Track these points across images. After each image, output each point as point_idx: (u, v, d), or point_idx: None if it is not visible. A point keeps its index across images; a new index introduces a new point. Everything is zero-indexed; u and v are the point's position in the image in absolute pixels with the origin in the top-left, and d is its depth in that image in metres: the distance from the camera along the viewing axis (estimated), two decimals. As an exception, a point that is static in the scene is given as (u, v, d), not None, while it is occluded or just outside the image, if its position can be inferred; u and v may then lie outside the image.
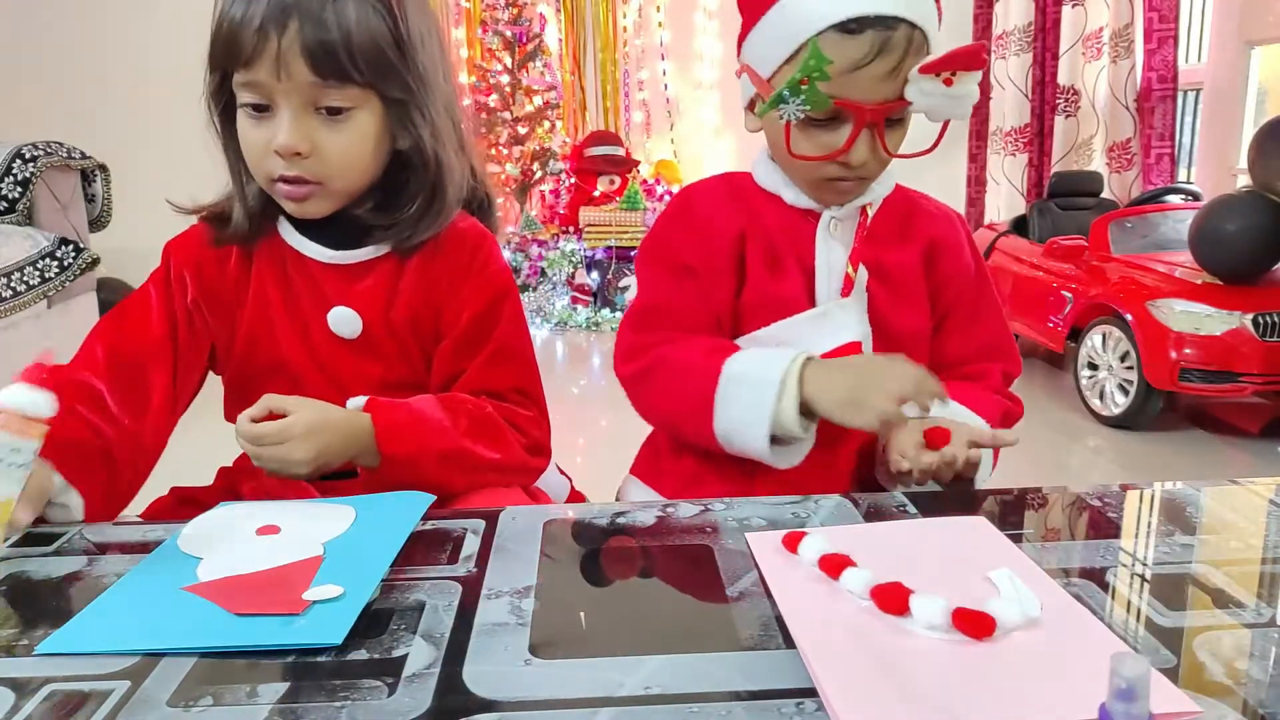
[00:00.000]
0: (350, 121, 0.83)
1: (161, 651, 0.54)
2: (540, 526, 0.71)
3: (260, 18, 0.78)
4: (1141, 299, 2.78)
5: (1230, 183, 3.71)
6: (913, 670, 0.50)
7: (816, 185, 0.90)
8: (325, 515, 0.72)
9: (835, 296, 0.92)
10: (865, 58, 0.79)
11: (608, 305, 4.34)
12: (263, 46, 0.78)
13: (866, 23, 0.79)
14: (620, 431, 1.20)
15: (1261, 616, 0.57)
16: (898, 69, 0.80)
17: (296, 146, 0.81)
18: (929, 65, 0.80)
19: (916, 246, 0.95)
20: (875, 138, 0.84)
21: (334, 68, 0.80)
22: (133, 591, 0.61)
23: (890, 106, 0.82)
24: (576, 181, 4.57)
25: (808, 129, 0.84)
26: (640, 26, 4.86)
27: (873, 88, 0.81)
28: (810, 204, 0.92)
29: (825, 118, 0.83)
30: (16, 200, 2.53)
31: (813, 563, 0.61)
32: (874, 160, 0.85)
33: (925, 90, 0.81)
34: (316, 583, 0.60)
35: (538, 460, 0.92)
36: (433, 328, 0.91)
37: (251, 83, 0.81)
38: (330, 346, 0.90)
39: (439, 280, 0.90)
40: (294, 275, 0.90)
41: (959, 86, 0.81)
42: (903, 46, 0.80)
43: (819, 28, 0.80)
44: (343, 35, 0.79)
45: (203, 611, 0.58)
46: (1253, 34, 3.75)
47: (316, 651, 0.54)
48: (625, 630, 0.57)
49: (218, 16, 0.81)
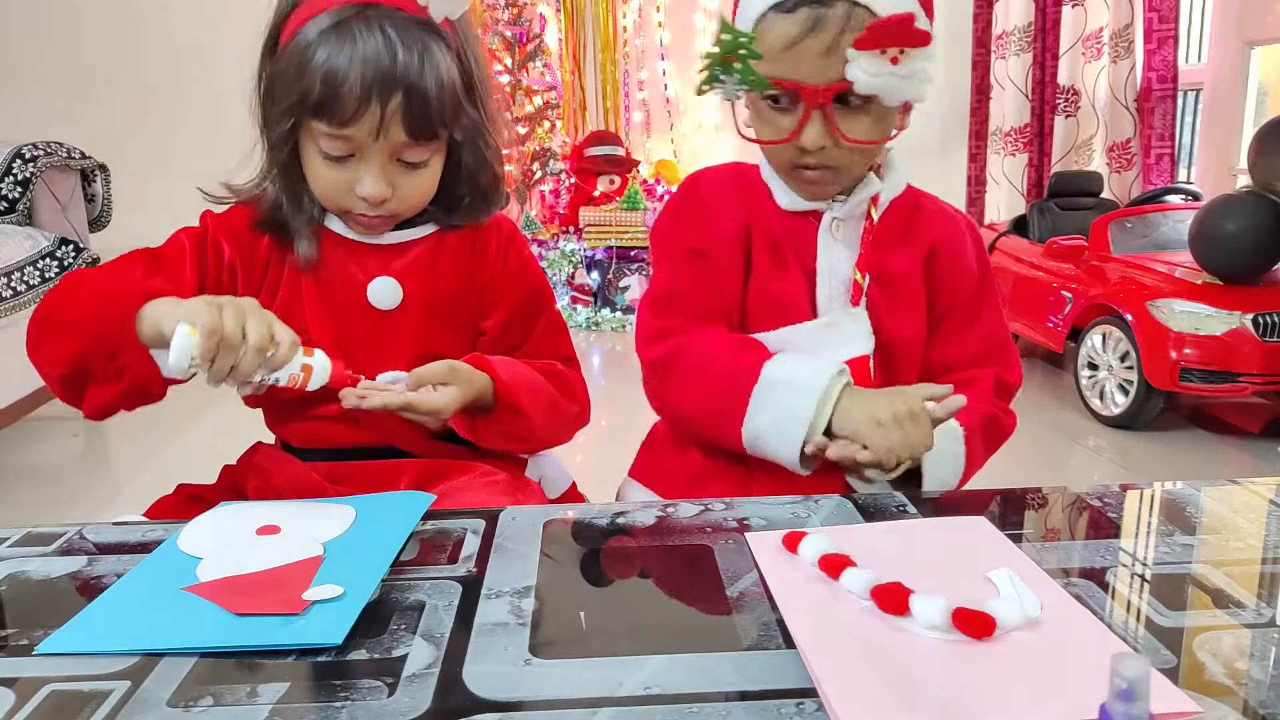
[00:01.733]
0: (428, 167, 0.87)
1: (161, 651, 0.54)
2: (540, 526, 0.71)
3: (363, 84, 0.78)
4: (1141, 299, 2.78)
5: (1230, 183, 3.71)
6: (913, 670, 0.50)
7: (788, 174, 0.89)
8: (325, 515, 0.72)
9: (836, 301, 0.91)
10: (800, 35, 0.79)
11: (608, 305, 4.34)
12: (364, 111, 0.80)
13: (801, 0, 0.79)
14: (620, 431, 1.20)
15: (1261, 616, 0.57)
16: (834, 46, 0.79)
17: (383, 195, 0.85)
18: (861, 40, 0.78)
19: (918, 250, 0.93)
20: (826, 122, 0.82)
21: (427, 130, 0.83)
22: (133, 591, 0.61)
23: (835, 88, 0.80)
24: (576, 181, 4.57)
25: (765, 113, 0.85)
26: (640, 26, 4.86)
27: (814, 68, 0.80)
28: (810, 203, 0.91)
29: (779, 101, 0.83)
30: (16, 200, 2.53)
31: (813, 563, 0.61)
32: (833, 147, 0.83)
33: (868, 69, 0.79)
34: (316, 583, 0.60)
35: (586, 416, 1.02)
36: (474, 304, 0.96)
37: (342, 137, 0.82)
38: (363, 322, 0.92)
39: (482, 260, 0.96)
40: (328, 254, 0.92)
41: (906, 65, 0.79)
42: (839, 24, 0.79)
43: (761, 9, 0.81)
44: (437, 98, 0.82)
45: (203, 611, 0.58)
46: (1253, 34, 3.74)
47: (316, 651, 0.54)
48: (625, 630, 0.57)
49: (299, 67, 0.80)
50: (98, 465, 2.64)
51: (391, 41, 0.79)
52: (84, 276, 0.84)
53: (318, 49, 0.79)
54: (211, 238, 0.91)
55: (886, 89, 0.80)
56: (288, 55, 0.81)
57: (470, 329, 0.97)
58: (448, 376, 0.84)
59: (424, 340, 0.93)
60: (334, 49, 0.79)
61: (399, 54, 0.79)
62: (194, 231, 0.91)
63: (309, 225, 0.91)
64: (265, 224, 0.91)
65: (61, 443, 2.68)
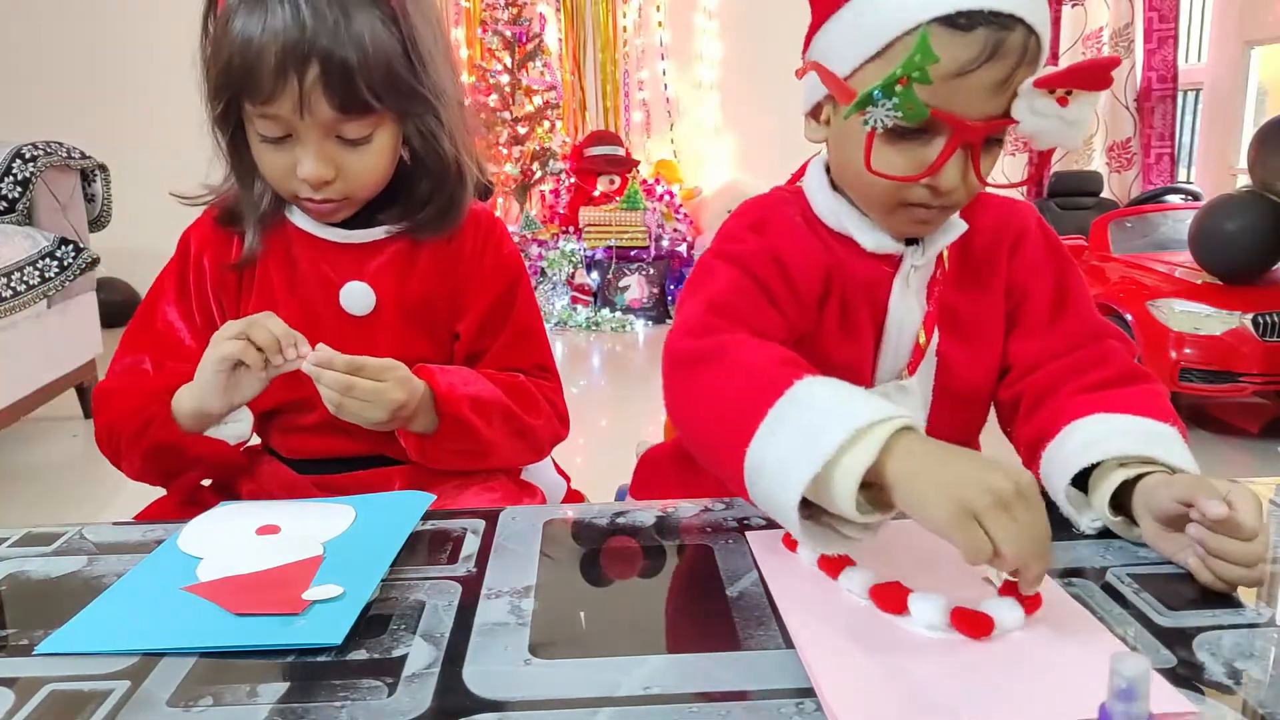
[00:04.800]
0: (371, 143, 0.83)
1: (161, 651, 0.54)
2: (540, 526, 0.71)
3: (275, 57, 0.75)
4: (1141, 299, 2.78)
5: (1230, 183, 3.71)
6: (911, 670, 0.50)
7: (890, 210, 0.75)
8: (325, 515, 0.72)
9: (900, 364, 0.80)
10: (974, 61, 0.65)
11: (608, 305, 4.34)
12: (282, 86, 0.76)
13: (978, 19, 0.65)
14: (620, 432, 1.20)
15: (1261, 616, 0.57)
16: (1008, 80, 0.67)
17: (324, 177, 0.81)
18: (1047, 79, 0.66)
19: (995, 278, 0.82)
20: (969, 160, 0.70)
21: (356, 102, 0.78)
22: (133, 591, 0.61)
23: (994, 125, 0.68)
24: (576, 181, 4.57)
25: (894, 140, 0.70)
26: (640, 26, 4.85)
27: (977, 99, 0.67)
28: (889, 246, 0.78)
29: (916, 129, 0.69)
30: (16, 200, 2.53)
31: (812, 562, 0.61)
32: (964, 187, 0.71)
33: (1037, 109, 0.67)
34: (316, 583, 0.60)
35: (563, 429, 0.97)
36: (448, 307, 0.93)
37: (270, 116, 0.79)
38: (338, 327, 0.89)
39: (456, 261, 0.92)
40: (300, 256, 0.90)
41: (1075, 109, 0.68)
42: (1017, 53, 0.66)
43: (920, 19, 0.65)
44: (361, 67, 0.77)
45: (203, 611, 0.58)
46: (1253, 34, 3.75)
47: (316, 651, 0.54)
48: (625, 630, 0.57)
49: (218, 41, 0.78)
50: (98, 465, 2.63)
51: (301, 9, 0.75)
52: (110, 397, 0.87)
53: (234, 21, 0.76)
54: (194, 264, 0.91)
55: (1047, 131, 0.69)
56: (215, 30, 0.79)
57: (448, 332, 0.94)
58: (382, 373, 0.79)
59: (400, 345, 0.90)
60: (247, 21, 0.75)
61: (308, 22, 0.74)
62: (171, 274, 0.91)
63: (260, 216, 0.88)
64: (223, 218, 0.90)
65: (61, 443, 2.67)
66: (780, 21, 4.72)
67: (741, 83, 4.76)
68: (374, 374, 0.78)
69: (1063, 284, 0.83)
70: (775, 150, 4.80)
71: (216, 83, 0.79)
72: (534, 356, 0.96)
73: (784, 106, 5.44)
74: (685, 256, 4.46)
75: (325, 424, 0.85)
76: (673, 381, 0.71)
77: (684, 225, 4.52)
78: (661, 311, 4.37)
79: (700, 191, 4.81)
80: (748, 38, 4.69)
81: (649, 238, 4.33)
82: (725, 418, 0.63)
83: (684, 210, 4.59)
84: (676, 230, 4.46)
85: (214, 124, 0.84)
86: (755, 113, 4.75)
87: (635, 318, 4.27)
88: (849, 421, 0.56)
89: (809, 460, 0.55)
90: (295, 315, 0.89)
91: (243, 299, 0.91)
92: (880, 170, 0.70)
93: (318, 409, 0.82)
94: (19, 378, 2.39)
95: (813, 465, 0.55)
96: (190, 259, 0.91)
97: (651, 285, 4.37)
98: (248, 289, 0.91)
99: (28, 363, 2.43)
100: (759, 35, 4.66)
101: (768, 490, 0.58)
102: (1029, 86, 0.67)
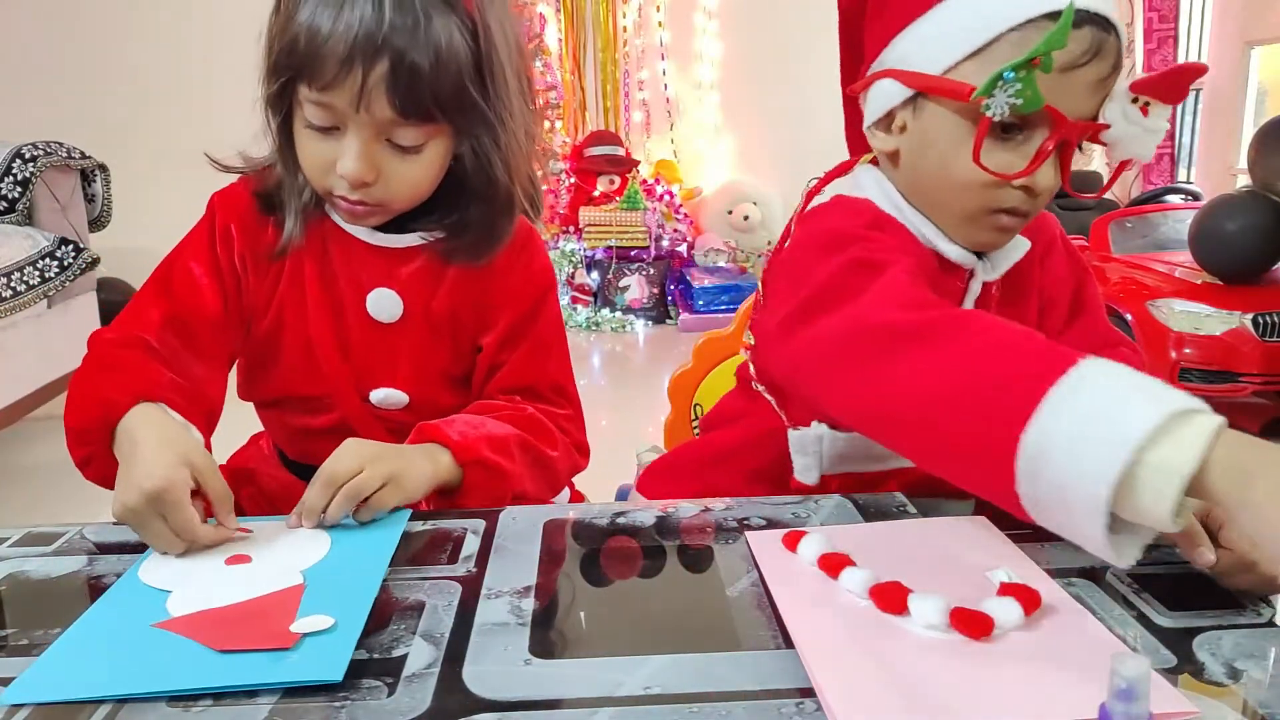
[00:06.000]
0: (421, 154, 0.80)
1: (143, 696, 0.49)
2: (540, 526, 0.71)
3: (347, 46, 0.72)
4: (1141, 299, 2.78)
5: (1230, 183, 3.72)
6: (911, 670, 0.50)
7: (974, 217, 0.74)
8: (298, 542, 0.68)
9: None
10: (1083, 55, 0.67)
11: (608, 305, 4.34)
12: (345, 76, 0.73)
13: (1085, 18, 0.66)
14: (621, 432, 1.20)
15: (1261, 616, 0.57)
16: (1107, 80, 0.69)
17: (364, 177, 0.78)
18: (1143, 82, 0.67)
19: (1033, 293, 0.82)
20: (1058, 162, 0.71)
21: (417, 108, 0.75)
22: (99, 630, 0.56)
23: (1089, 126, 0.70)
24: (576, 181, 4.57)
25: (990, 141, 0.69)
26: (640, 26, 4.85)
27: (1079, 97, 0.68)
28: (968, 259, 0.77)
29: (1009, 131, 0.69)
30: (16, 200, 2.53)
31: (812, 562, 0.61)
32: (1049, 191, 0.72)
33: (1127, 114, 0.69)
34: (303, 613, 0.57)
35: (583, 460, 0.93)
36: (474, 319, 0.90)
37: (324, 104, 0.76)
38: (363, 330, 0.88)
39: (487, 274, 0.89)
40: (334, 252, 0.88)
41: (1154, 119, 0.69)
42: (1114, 55, 0.68)
43: (1030, 14, 0.66)
44: (431, 73, 0.74)
45: (182, 650, 0.54)
46: (1253, 34, 3.75)
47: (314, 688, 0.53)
48: (625, 630, 0.57)
49: (290, 20, 0.75)
50: (98, 465, 2.63)
51: (384, 3, 0.72)
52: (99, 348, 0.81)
53: (306, 3, 0.74)
54: (221, 231, 0.87)
55: (1129, 139, 0.70)
56: (282, 9, 0.77)
57: (471, 344, 0.92)
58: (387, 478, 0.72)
59: (422, 355, 0.89)
60: (322, 5, 0.73)
61: (389, 16, 0.72)
62: (201, 234, 0.88)
63: (302, 205, 0.86)
64: (263, 199, 0.87)
65: (61, 443, 2.67)
66: (780, 22, 4.75)
67: (741, 83, 4.76)
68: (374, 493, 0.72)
69: (1080, 293, 0.86)
70: (775, 150, 4.83)
71: (277, 60, 0.77)
72: (551, 375, 0.93)
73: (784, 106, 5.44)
74: (685, 256, 4.46)
75: (340, 429, 0.84)
76: (871, 357, 0.61)
77: (684, 225, 4.52)
78: (661, 311, 4.37)
79: (700, 191, 4.82)
80: (748, 38, 4.70)
81: (649, 238, 4.34)
82: (979, 393, 0.54)
83: (684, 210, 4.60)
84: (676, 230, 4.47)
85: (266, 104, 0.81)
86: (755, 113, 4.75)
87: (635, 318, 4.27)
88: (1171, 400, 0.50)
89: (1122, 436, 0.47)
90: (324, 312, 0.88)
91: (270, 282, 0.88)
92: (988, 167, 0.69)
93: (333, 410, 0.80)
94: (19, 378, 2.39)
95: (1131, 442, 0.47)
96: (217, 224, 0.88)
97: (651, 285, 4.37)
98: (277, 271, 0.88)
99: (27, 363, 2.43)
100: (759, 35, 4.66)
101: (1057, 471, 0.49)
102: (1124, 89, 0.69)
